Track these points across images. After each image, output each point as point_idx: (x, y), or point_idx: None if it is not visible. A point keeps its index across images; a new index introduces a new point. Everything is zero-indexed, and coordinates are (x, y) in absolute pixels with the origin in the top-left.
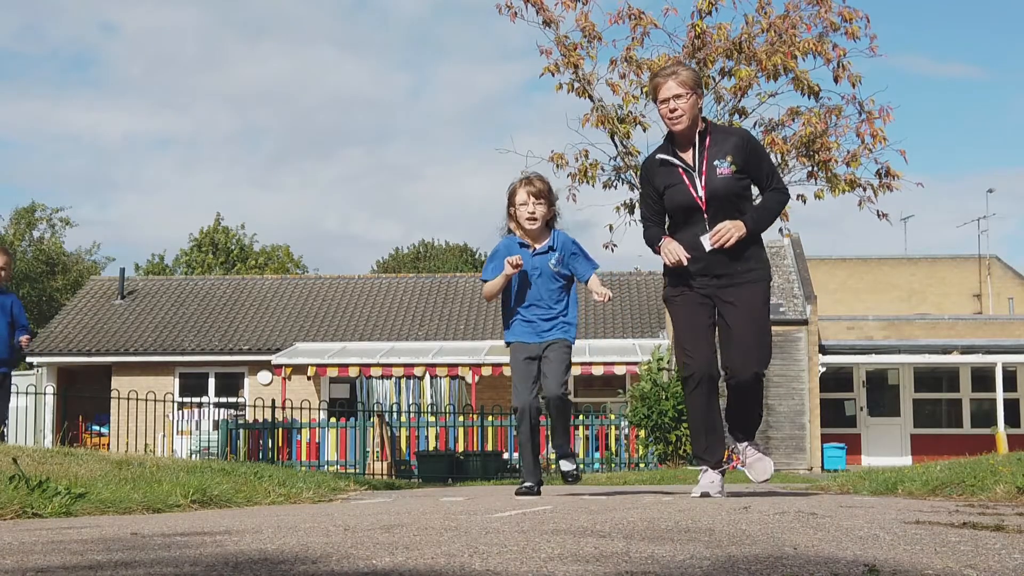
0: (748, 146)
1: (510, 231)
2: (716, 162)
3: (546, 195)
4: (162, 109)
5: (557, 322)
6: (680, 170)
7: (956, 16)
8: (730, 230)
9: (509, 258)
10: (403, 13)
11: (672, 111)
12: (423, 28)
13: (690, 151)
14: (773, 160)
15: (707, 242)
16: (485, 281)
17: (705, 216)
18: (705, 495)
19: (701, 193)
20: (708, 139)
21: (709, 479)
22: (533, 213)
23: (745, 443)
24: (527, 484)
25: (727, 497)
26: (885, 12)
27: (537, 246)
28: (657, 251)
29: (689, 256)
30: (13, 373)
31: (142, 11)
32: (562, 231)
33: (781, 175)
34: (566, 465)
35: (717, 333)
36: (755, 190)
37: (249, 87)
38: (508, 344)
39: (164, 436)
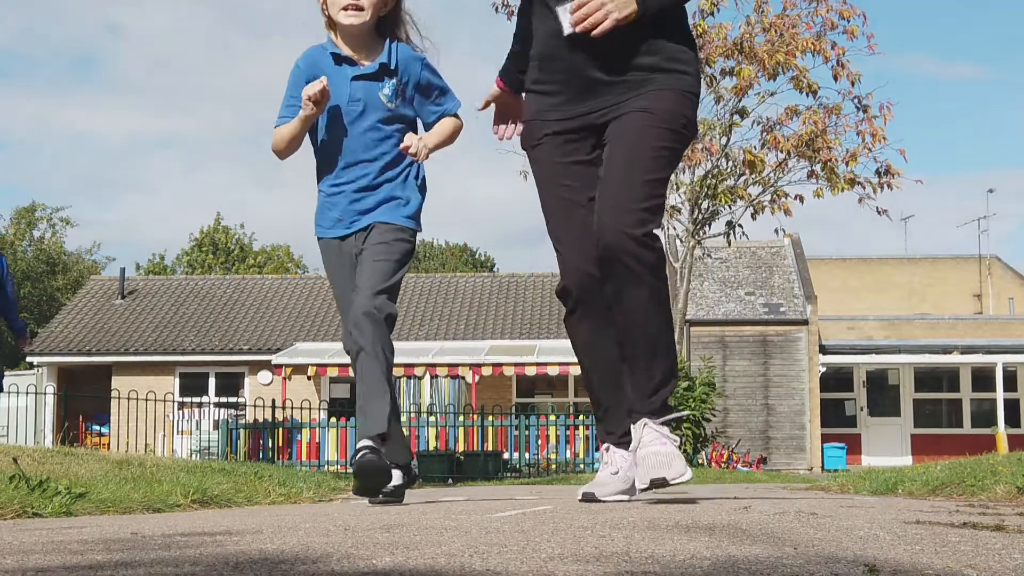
0: None
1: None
2: None
3: None
4: (165, 109)
5: (383, 193)
6: None
7: (963, 15)
8: (602, 1)
9: (309, 86)
10: None
11: None
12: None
13: None
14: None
15: (566, 20)
16: (277, 128)
17: None
18: (588, 498)
19: None
20: None
21: (609, 471)
22: (357, 1)
23: (642, 418)
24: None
25: (630, 499)
26: (890, 11)
27: (363, 63)
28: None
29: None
30: (14, 373)
31: (147, 12)
32: (406, 45)
33: None
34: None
35: None
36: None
37: (252, 87)
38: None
39: (164, 436)
